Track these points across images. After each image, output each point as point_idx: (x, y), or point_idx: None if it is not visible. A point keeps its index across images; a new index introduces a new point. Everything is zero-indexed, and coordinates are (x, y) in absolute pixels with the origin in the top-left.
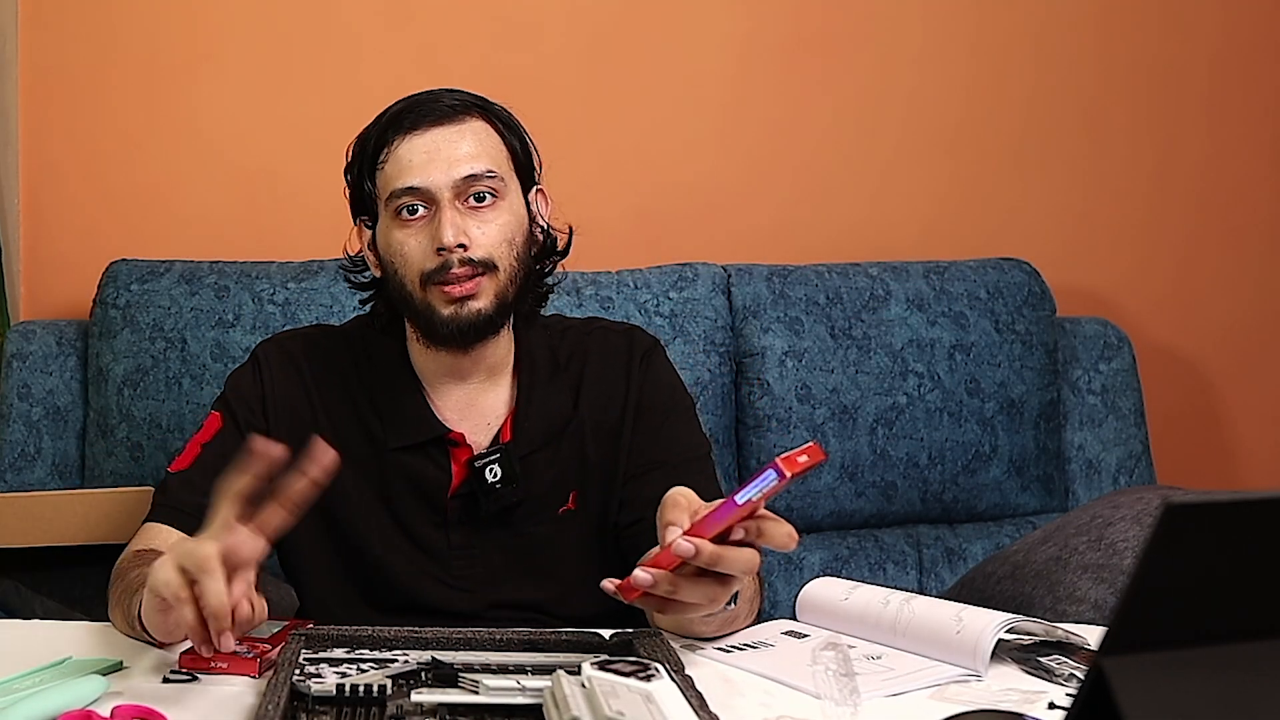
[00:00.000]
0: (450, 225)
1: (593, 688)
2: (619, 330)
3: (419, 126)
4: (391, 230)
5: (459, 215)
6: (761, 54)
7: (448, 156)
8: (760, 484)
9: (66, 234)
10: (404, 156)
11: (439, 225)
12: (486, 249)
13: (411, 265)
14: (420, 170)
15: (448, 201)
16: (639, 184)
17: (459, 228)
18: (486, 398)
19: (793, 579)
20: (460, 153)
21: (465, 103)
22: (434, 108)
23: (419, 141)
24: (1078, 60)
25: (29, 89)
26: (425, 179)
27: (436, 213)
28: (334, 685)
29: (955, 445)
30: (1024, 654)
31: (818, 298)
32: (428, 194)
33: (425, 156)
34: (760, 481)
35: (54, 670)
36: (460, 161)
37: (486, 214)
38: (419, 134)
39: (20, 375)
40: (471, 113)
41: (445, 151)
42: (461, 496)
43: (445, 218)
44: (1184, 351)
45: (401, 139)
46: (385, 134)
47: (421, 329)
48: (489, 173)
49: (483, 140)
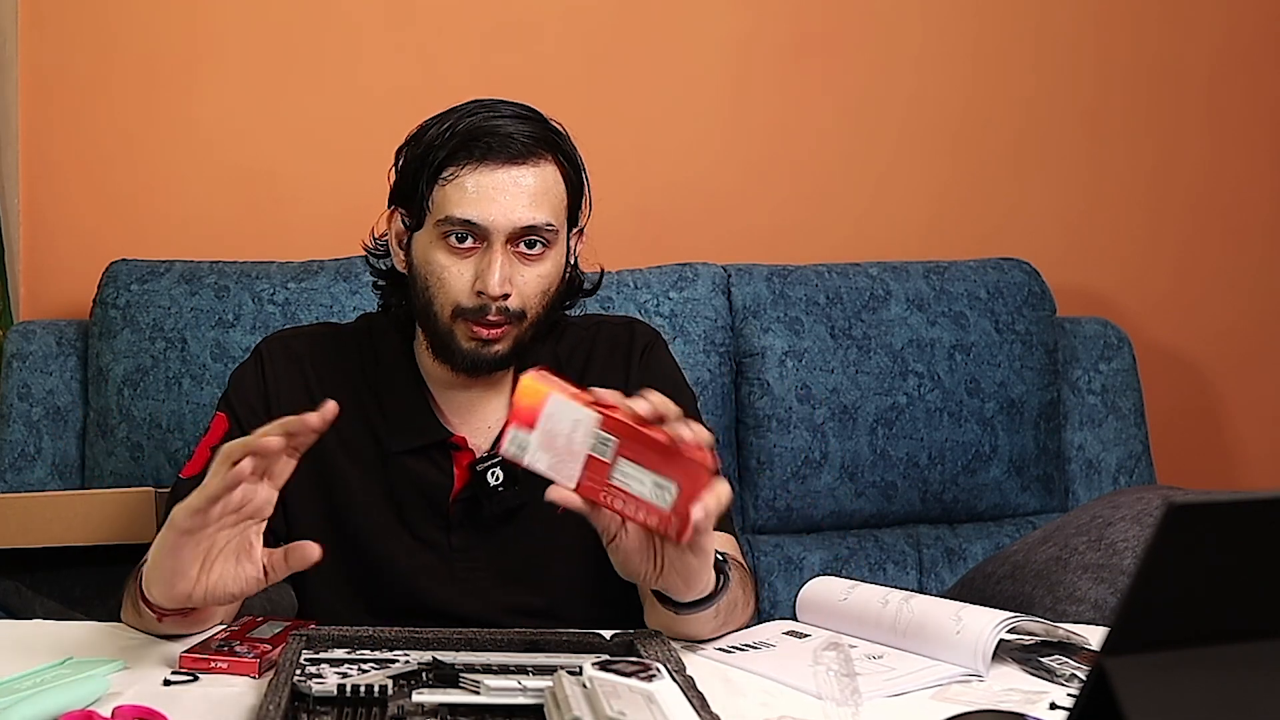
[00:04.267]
0: (499, 273)
1: (594, 688)
2: (619, 324)
3: (490, 159)
4: (435, 250)
5: (508, 261)
6: (761, 54)
7: (512, 200)
8: (699, 457)
9: (66, 234)
10: (469, 185)
11: (487, 268)
12: (523, 301)
13: (448, 294)
14: (482, 207)
15: (500, 245)
16: (639, 184)
17: (506, 276)
18: (488, 402)
19: (793, 579)
20: (524, 200)
21: (540, 139)
22: (510, 144)
23: (487, 177)
24: (1078, 60)
25: (29, 89)
26: (485, 218)
27: (487, 251)
28: (335, 685)
29: (955, 445)
30: (1025, 654)
31: (818, 298)
32: (483, 232)
33: (490, 194)
34: (701, 456)
35: (55, 670)
36: (522, 209)
37: (534, 264)
38: (489, 169)
39: (20, 375)
40: (544, 153)
41: (511, 194)
42: (464, 500)
43: (496, 264)
44: (1184, 351)
45: (471, 167)
46: (455, 154)
47: (436, 347)
48: (548, 225)
49: (549, 188)
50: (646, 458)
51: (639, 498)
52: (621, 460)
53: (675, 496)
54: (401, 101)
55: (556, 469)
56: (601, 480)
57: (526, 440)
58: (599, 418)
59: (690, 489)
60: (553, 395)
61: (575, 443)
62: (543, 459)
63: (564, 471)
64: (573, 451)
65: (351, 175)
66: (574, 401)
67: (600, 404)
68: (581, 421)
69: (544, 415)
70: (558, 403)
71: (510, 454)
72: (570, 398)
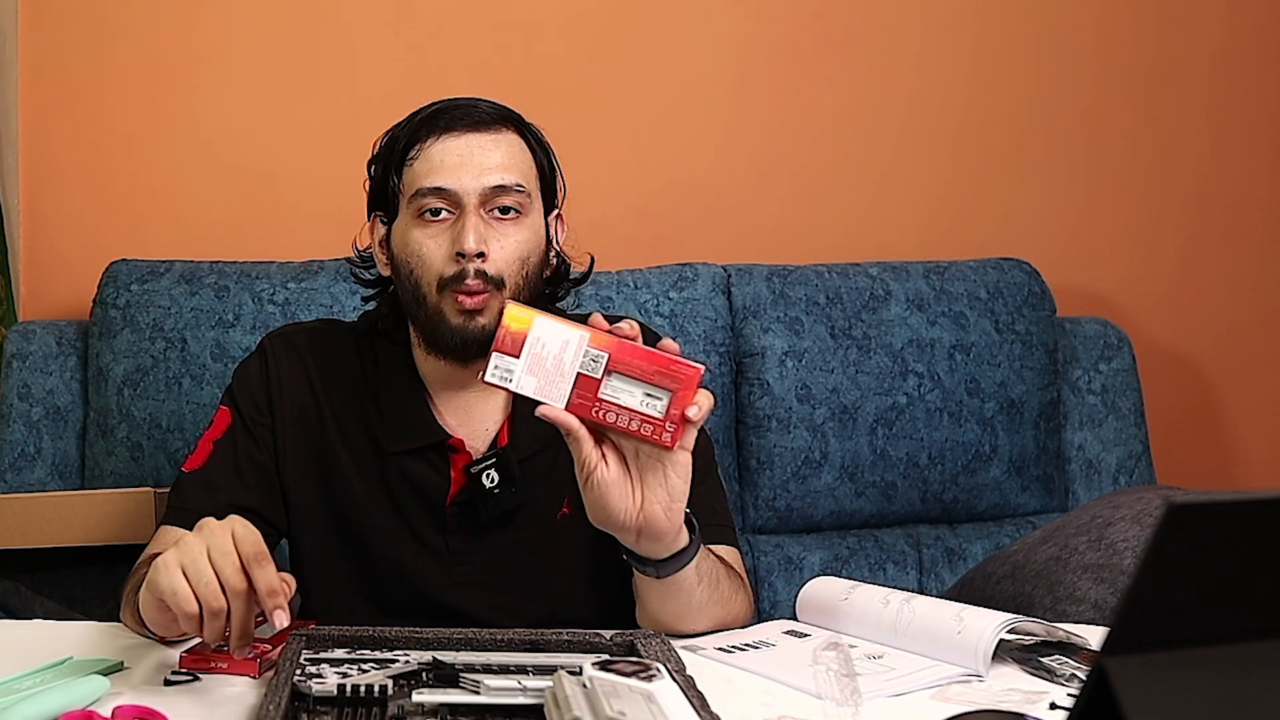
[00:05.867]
0: (473, 231)
1: (594, 688)
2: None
3: (454, 128)
4: (411, 229)
5: (482, 223)
6: (761, 54)
7: (479, 163)
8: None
9: (66, 234)
10: (435, 156)
11: (461, 230)
12: (500, 265)
13: (429, 268)
14: (451, 172)
15: (473, 208)
16: (639, 184)
17: (481, 235)
18: (484, 404)
19: (793, 579)
20: (492, 161)
21: (502, 114)
22: (471, 113)
23: (453, 144)
24: (1078, 60)
25: (29, 89)
26: (455, 181)
27: (460, 218)
28: (335, 685)
29: (955, 445)
30: (1025, 654)
31: (818, 298)
32: (454, 197)
33: (457, 159)
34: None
35: (55, 670)
36: (491, 170)
37: (508, 228)
38: (453, 136)
39: (20, 375)
40: (507, 124)
41: (477, 157)
42: (461, 503)
43: (469, 223)
44: (1184, 351)
45: (435, 138)
46: (419, 131)
47: (426, 335)
48: (517, 186)
49: (515, 153)
50: (637, 369)
51: (630, 408)
52: (612, 375)
53: (667, 403)
54: (401, 102)
55: (544, 391)
56: (592, 396)
57: (511, 365)
58: (589, 335)
59: (681, 395)
60: (538, 319)
61: (565, 363)
62: (529, 383)
63: (552, 392)
64: (563, 372)
65: (352, 175)
66: (562, 322)
67: (590, 324)
68: (571, 341)
69: (530, 339)
70: (545, 325)
71: (494, 380)
72: (556, 319)
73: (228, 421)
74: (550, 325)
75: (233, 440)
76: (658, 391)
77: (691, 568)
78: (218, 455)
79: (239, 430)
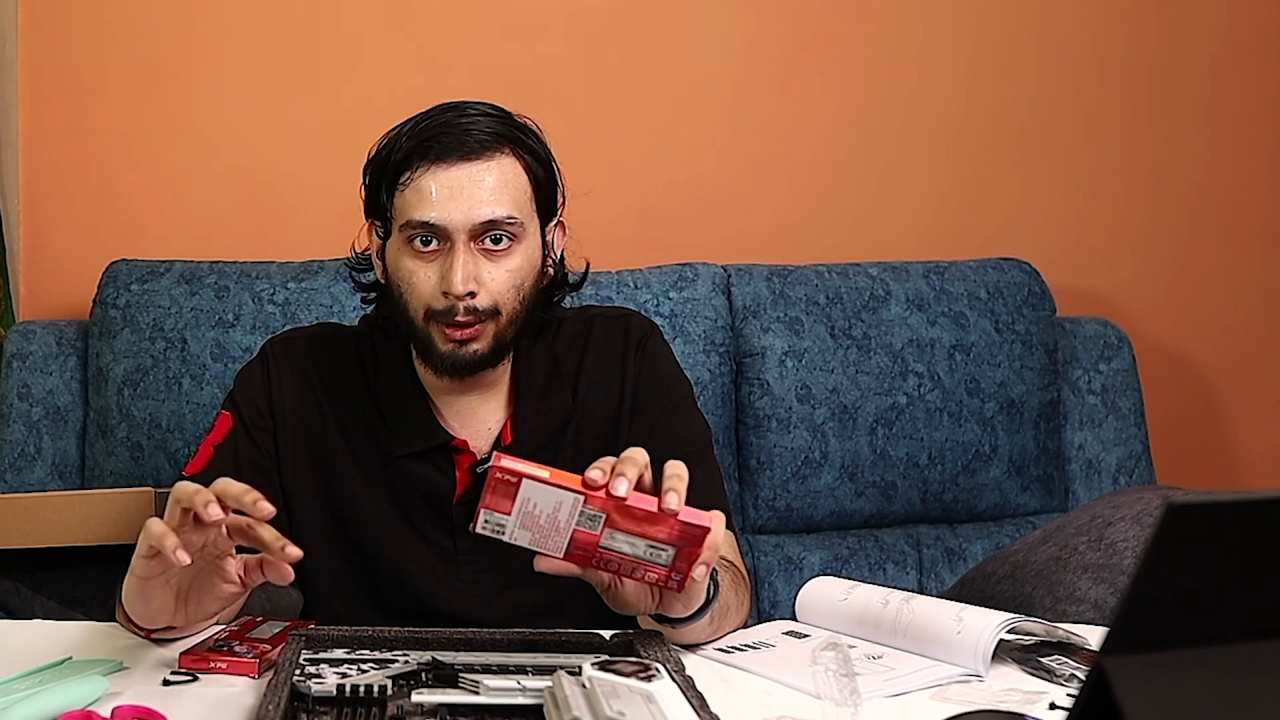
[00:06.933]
0: (461, 270)
1: (593, 688)
2: (614, 317)
3: (445, 159)
4: (402, 256)
5: (471, 259)
6: (761, 54)
7: (470, 197)
8: (694, 518)
9: (66, 234)
10: (425, 187)
11: (450, 267)
12: (493, 297)
13: (418, 298)
14: (440, 207)
15: (463, 243)
16: (639, 184)
17: (469, 274)
18: (486, 405)
19: (793, 579)
20: (483, 195)
21: (496, 135)
22: (464, 140)
23: (443, 176)
24: (1078, 60)
25: (29, 89)
26: (443, 217)
27: (450, 251)
28: (334, 685)
29: (955, 445)
30: (1025, 654)
31: (818, 298)
32: (444, 231)
33: (447, 193)
34: (695, 518)
35: (54, 670)
36: (481, 204)
37: (500, 258)
38: (444, 168)
39: (20, 375)
40: (502, 147)
41: (468, 191)
42: (467, 504)
43: (458, 262)
44: (1184, 351)
45: (426, 169)
46: (410, 158)
47: (420, 354)
48: (509, 218)
49: (508, 180)
50: (637, 527)
51: (634, 559)
52: (612, 530)
53: (672, 555)
54: (402, 102)
55: (540, 543)
56: (591, 549)
57: (503, 520)
58: (583, 498)
59: (688, 547)
60: (525, 482)
61: (560, 521)
62: (524, 536)
63: (549, 544)
64: (558, 529)
65: (352, 176)
66: (552, 486)
67: (584, 483)
68: (564, 502)
69: (520, 500)
70: (533, 488)
71: (486, 533)
72: (545, 483)
73: (229, 426)
74: (539, 489)
75: (234, 445)
76: (661, 545)
77: (705, 618)
78: (218, 459)
79: (240, 435)
